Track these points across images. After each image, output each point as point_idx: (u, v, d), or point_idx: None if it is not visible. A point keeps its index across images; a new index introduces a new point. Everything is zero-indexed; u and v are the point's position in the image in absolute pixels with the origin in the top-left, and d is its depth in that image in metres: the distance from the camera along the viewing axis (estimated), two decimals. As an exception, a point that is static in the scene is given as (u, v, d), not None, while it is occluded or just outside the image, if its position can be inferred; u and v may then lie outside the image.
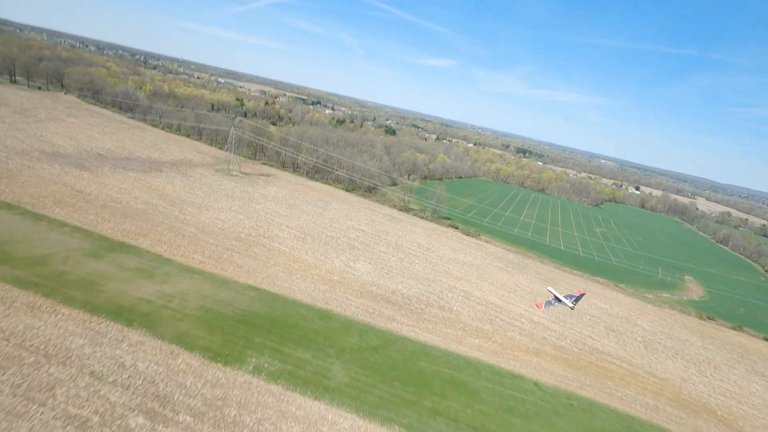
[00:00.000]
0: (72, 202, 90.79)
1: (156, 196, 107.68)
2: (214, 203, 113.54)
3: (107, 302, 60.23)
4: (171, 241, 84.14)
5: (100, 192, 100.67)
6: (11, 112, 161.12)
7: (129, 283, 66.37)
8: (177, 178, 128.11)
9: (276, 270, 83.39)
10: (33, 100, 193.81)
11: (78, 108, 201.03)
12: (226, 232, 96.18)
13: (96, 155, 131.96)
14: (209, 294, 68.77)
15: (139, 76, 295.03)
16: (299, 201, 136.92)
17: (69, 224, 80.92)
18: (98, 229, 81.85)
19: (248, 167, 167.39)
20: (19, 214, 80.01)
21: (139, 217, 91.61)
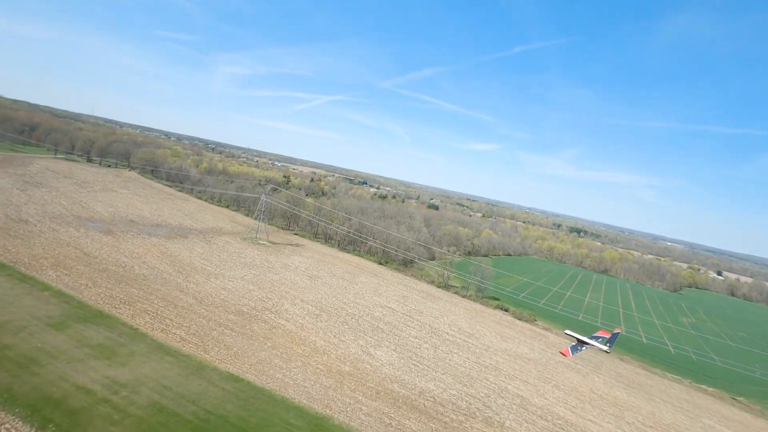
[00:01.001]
0: (71, 265, 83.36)
1: (166, 261, 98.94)
2: (227, 271, 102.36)
3: (33, 390, 45.99)
4: (157, 312, 71.37)
5: (109, 256, 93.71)
6: (71, 183, 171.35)
7: (78, 363, 52.47)
8: (199, 245, 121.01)
9: (272, 354, 66.19)
10: (97, 174, 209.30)
11: (134, 182, 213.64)
12: (228, 304, 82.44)
13: (128, 221, 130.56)
14: (173, 384, 52.58)
15: (199, 156, 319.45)
16: (323, 272, 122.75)
17: (52, 288, 71.71)
18: (82, 294, 71.68)
19: (278, 237, 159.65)
20: (6, 275, 72.58)
21: (135, 283, 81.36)
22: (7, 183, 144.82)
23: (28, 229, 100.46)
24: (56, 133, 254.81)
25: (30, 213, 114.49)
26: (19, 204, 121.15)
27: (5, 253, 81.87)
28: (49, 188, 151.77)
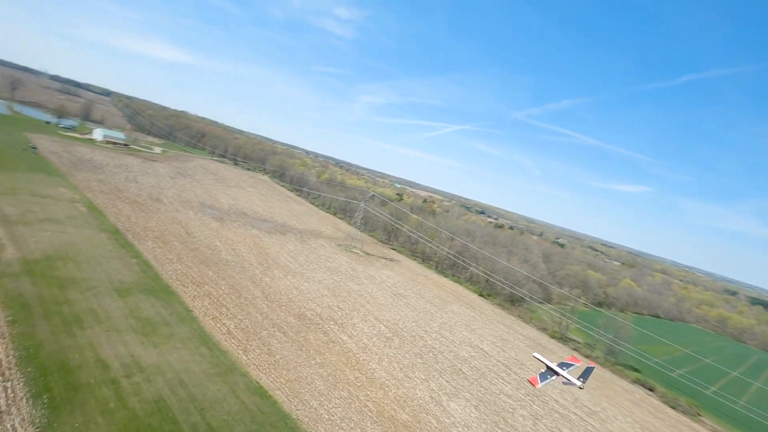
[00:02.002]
0: (169, 240, 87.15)
1: (254, 252, 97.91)
2: (308, 272, 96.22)
3: (57, 353, 42.56)
4: (219, 298, 66.83)
5: (206, 238, 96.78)
6: (213, 178, 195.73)
7: (115, 334, 48.68)
8: (292, 242, 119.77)
9: (316, 374, 54.10)
10: (237, 174, 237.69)
11: (263, 183, 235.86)
12: (293, 304, 74.44)
13: (240, 213, 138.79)
14: (191, 382, 44.39)
15: (323, 168, 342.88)
16: (410, 292, 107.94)
17: (141, 257, 73.97)
18: (162, 268, 72.06)
19: (374, 248, 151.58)
20: (114, 239, 78.09)
21: (214, 266, 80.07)
22: (166, 172, 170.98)
23: (157, 207, 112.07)
24: (217, 140, 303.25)
25: (167, 195, 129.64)
26: (164, 188, 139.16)
27: (126, 222, 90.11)
28: (193, 179, 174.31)
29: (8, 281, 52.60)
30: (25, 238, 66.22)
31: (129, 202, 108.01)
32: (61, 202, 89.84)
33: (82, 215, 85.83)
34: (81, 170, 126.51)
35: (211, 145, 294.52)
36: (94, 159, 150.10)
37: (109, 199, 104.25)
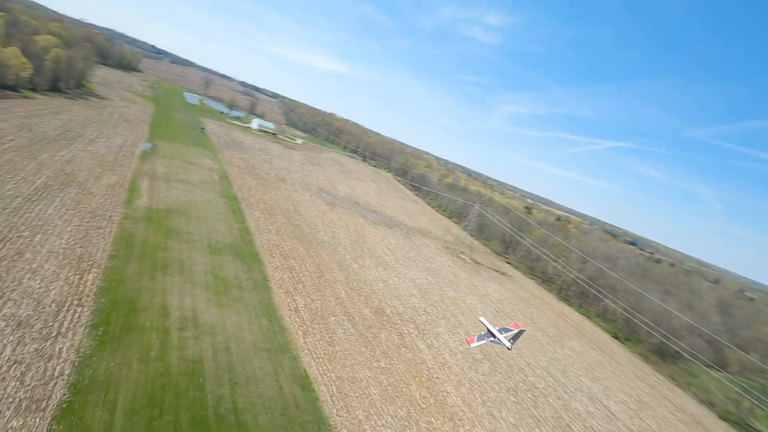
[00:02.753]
0: (275, 213, 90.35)
1: (352, 238, 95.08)
2: (402, 268, 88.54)
3: (133, 291, 43.97)
4: (299, 274, 64.22)
5: (310, 217, 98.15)
6: (338, 169, 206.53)
7: (188, 286, 49.00)
8: (394, 236, 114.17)
9: (375, 379, 45.48)
10: (361, 168, 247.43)
11: (384, 179, 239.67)
12: (374, 297, 67.49)
13: (353, 201, 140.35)
14: (236, 351, 40.84)
15: (447, 172, 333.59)
16: (518, 313, 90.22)
17: (244, 223, 77.24)
18: (259, 236, 73.72)
19: (485, 258, 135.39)
20: (229, 204, 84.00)
21: (307, 243, 79.07)
22: (299, 158, 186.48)
23: (278, 185, 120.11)
24: (352, 137, 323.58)
25: (292, 177, 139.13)
26: (292, 171, 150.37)
27: (246, 192, 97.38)
28: (321, 168, 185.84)
29: (128, 222, 58.73)
30: (159, 192, 75.16)
31: (257, 177, 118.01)
32: (202, 170, 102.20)
33: (213, 182, 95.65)
34: (230, 149, 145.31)
35: (346, 140, 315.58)
36: (244, 142, 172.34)
37: (241, 173, 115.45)
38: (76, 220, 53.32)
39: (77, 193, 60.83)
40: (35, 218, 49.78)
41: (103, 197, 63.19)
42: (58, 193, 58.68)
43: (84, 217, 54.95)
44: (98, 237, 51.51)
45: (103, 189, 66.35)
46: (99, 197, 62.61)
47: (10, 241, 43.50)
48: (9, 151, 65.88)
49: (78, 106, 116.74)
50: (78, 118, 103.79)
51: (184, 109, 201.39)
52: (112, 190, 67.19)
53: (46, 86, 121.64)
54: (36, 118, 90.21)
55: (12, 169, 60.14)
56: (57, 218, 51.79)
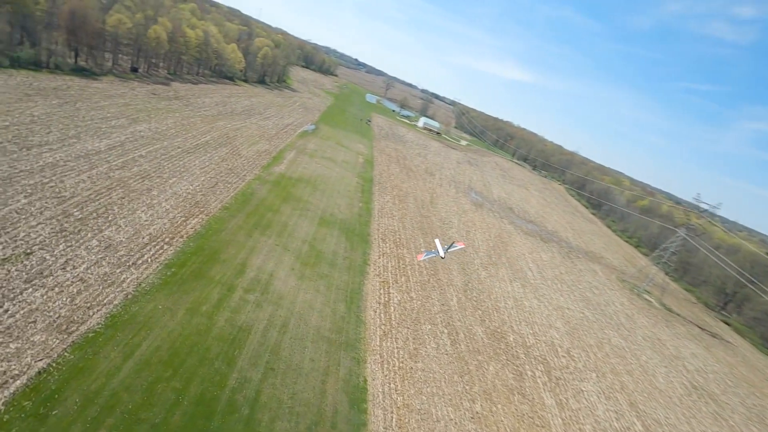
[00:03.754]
0: (407, 201, 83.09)
1: (490, 243, 79.62)
2: (549, 291, 68.25)
3: (223, 243, 42.61)
4: (405, 267, 54.51)
5: (447, 212, 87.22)
6: (499, 173, 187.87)
7: (279, 250, 45.47)
8: (550, 253, 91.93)
9: (461, 426, 31.65)
10: (527, 176, 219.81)
11: (552, 191, 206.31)
12: (495, 315, 51.78)
13: (506, 207, 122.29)
14: (294, 333, 34.08)
15: (645, 194, 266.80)
16: (732, 399, 57.24)
17: (369, 204, 72.35)
18: (379, 219, 67.49)
19: (685, 307, 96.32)
20: (360, 184, 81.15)
21: (431, 237, 68.60)
22: (457, 157, 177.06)
23: (425, 177, 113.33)
24: (523, 143, 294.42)
25: (442, 173, 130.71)
26: (444, 167, 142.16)
27: (384, 177, 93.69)
28: (478, 169, 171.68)
29: (256, 183, 60.52)
30: (299, 164, 77.52)
31: (403, 167, 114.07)
32: (350, 152, 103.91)
33: (355, 163, 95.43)
34: (387, 139, 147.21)
35: (516, 146, 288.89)
36: (405, 136, 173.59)
37: (388, 161, 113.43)
38: (213, 173, 57.22)
39: (227, 153, 66.56)
40: (181, 166, 55.09)
41: (247, 159, 67.67)
42: (212, 150, 65.15)
43: (221, 171, 58.75)
44: (222, 190, 53.59)
45: (252, 153, 71.49)
46: (243, 159, 67.22)
47: (149, 178, 48.16)
48: (196, 117, 78.17)
49: (271, 94, 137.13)
50: (265, 102, 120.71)
51: (359, 105, 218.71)
52: (258, 155, 71.85)
53: (255, 79, 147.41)
54: (234, 98, 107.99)
55: (190, 128, 70.26)
56: (198, 168, 56.42)
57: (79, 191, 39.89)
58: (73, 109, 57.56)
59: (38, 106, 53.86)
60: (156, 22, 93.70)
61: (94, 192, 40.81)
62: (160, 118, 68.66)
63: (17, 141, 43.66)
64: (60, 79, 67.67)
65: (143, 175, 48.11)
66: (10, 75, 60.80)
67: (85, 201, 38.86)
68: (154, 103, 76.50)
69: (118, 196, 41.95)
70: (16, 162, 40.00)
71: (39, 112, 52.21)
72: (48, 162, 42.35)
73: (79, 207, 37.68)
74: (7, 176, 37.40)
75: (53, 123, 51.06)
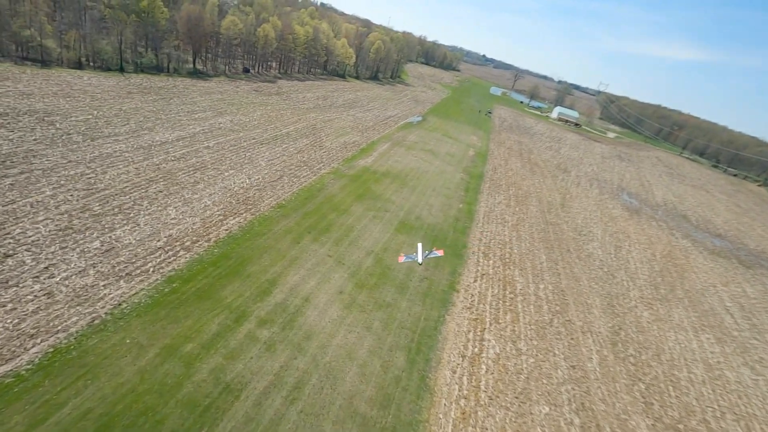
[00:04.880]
0: (527, 203, 63.37)
1: (655, 266, 54.30)
2: (762, 351, 40.89)
3: (255, 250, 32.93)
4: (516, 301, 36.97)
5: (585, 219, 64.30)
6: (660, 169, 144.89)
7: (328, 265, 33.86)
8: (761, 288, 59.89)
9: None
10: (701, 172, 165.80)
11: (748, 194, 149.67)
12: (672, 394, 30.21)
13: (677, 215, 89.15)
14: (318, 402, 21.48)
15: None
16: None
17: (473, 206, 55.91)
18: (484, 227, 50.80)
19: None
20: (465, 182, 65.03)
21: (559, 254, 48.73)
22: (601, 151, 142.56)
23: (556, 174, 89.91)
24: (698, 133, 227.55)
25: (581, 170, 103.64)
26: (584, 163, 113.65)
27: (500, 174, 75.27)
28: (633, 165, 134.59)
29: (330, 177, 50.62)
30: (390, 157, 65.73)
31: (527, 162, 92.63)
32: (459, 144, 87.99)
33: (462, 156, 79.30)
34: (509, 131, 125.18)
35: (688, 138, 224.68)
36: (532, 128, 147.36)
37: (508, 154, 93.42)
38: (281, 165, 49.42)
39: (307, 144, 58.80)
40: (247, 158, 48.62)
41: (328, 151, 58.82)
42: (291, 141, 58.10)
43: (292, 164, 50.67)
44: (286, 185, 44.97)
45: (337, 145, 62.59)
46: (324, 151, 58.55)
47: (203, 170, 42.21)
48: (288, 110, 73.54)
49: (380, 89, 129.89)
50: (372, 95, 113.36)
51: (480, 98, 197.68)
52: (344, 147, 62.52)
53: (367, 75, 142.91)
54: (338, 93, 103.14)
55: (275, 120, 65.16)
56: (265, 160, 49.27)
57: (116, 183, 35.16)
58: (164, 104, 57.03)
59: (132, 102, 54.17)
60: (267, 21, 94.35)
61: (131, 185, 35.73)
62: (247, 111, 65.25)
63: (87, 132, 42.19)
64: (172, 80, 70.14)
65: (197, 167, 42.42)
66: (128, 78, 64.34)
67: (115, 194, 33.73)
68: (251, 98, 74.67)
69: (156, 189, 36.21)
70: (70, 152, 37.57)
71: (128, 107, 52.05)
72: (104, 152, 39.36)
73: (104, 201, 32.47)
74: (51, 166, 34.57)
75: (135, 116, 49.96)
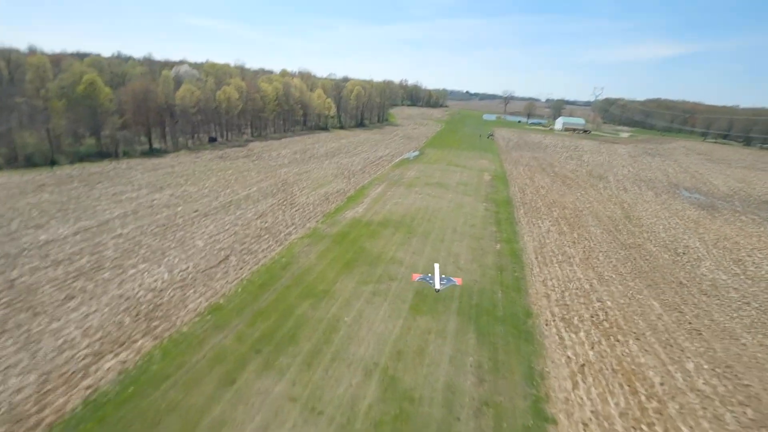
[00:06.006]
0: (584, 224, 46.30)
1: None
2: None
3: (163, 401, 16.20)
4: (594, 309, 18.75)
5: (667, 230, 46.57)
6: (700, 158, 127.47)
7: (285, 404, 16.65)
8: None
9: None
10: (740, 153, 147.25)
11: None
12: None
13: (762, 201, 70.58)
14: None
15: None
16: None
17: (516, 244, 39.06)
18: (546, 269, 33.56)
19: None
20: (489, 212, 48.66)
21: (671, 290, 30.66)
22: (626, 151, 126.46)
23: (594, 183, 73.57)
24: (713, 118, 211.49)
25: (618, 173, 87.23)
26: (615, 166, 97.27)
27: (530, 194, 59.02)
28: (666, 158, 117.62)
29: (305, 242, 34.92)
30: (388, 200, 50.43)
31: (554, 175, 76.73)
32: (469, 171, 73.00)
33: (478, 183, 63.73)
34: (519, 150, 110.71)
35: (703, 125, 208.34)
36: (542, 142, 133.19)
37: (529, 172, 77.79)
38: (231, 241, 34.03)
39: (272, 204, 43.99)
40: (177, 240, 33.45)
41: (302, 208, 43.77)
42: (250, 204, 43.39)
43: (248, 235, 35.31)
44: (232, 270, 29.21)
45: (314, 199, 47.71)
46: (297, 208, 43.53)
47: (100, 275, 26.84)
48: (254, 170, 60.09)
49: (368, 133, 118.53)
50: (358, 140, 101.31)
51: (476, 125, 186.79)
52: (325, 200, 47.53)
53: (353, 123, 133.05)
54: (319, 143, 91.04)
55: (233, 184, 51.25)
56: (204, 238, 34.03)
57: None
58: (83, 191, 43.62)
59: (35, 197, 40.77)
60: (228, 84, 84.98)
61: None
62: (198, 180, 51.64)
63: None
64: (114, 164, 57.87)
65: (85, 270, 27.18)
66: (56, 171, 51.94)
67: None
68: (211, 165, 61.80)
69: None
70: None
71: (23, 204, 38.45)
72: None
73: None
74: None
75: (28, 213, 36.09)
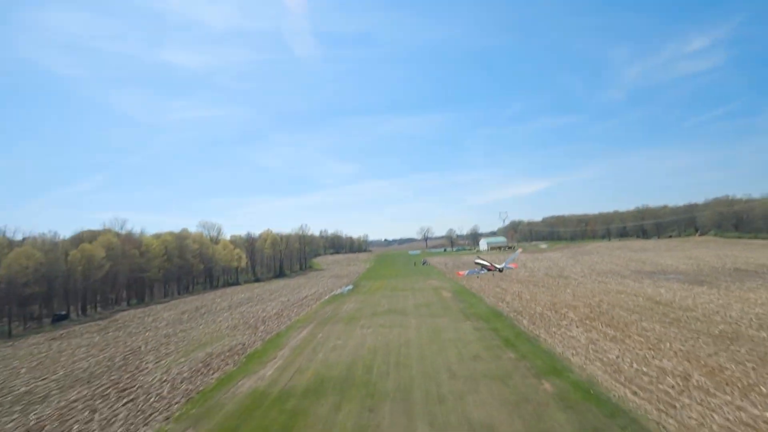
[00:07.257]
0: (620, 322, 30.67)
1: None
2: None
3: None
4: None
5: (697, 305, 32.94)
6: (625, 252, 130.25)
7: None
8: None
9: None
10: (653, 243, 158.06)
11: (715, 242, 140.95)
12: None
13: (733, 269, 64.38)
14: None
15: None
16: None
17: (569, 376, 21.01)
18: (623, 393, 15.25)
19: None
20: (483, 328, 31.10)
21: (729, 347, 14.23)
22: (559, 256, 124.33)
23: (565, 282, 61.78)
24: (601, 220, 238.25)
25: (573, 270, 78.48)
26: (566, 267, 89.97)
27: (515, 301, 43.43)
28: (598, 255, 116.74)
29: None
30: (318, 345, 30.51)
31: (519, 281, 64.03)
32: (422, 292, 57.05)
33: (441, 301, 47.31)
34: (464, 268, 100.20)
35: (603, 229, 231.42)
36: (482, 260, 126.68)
37: (491, 282, 64.29)
38: None
39: (84, 396, 21.26)
40: None
41: (144, 394, 21.65)
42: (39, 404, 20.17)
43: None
44: None
45: (178, 370, 25.91)
46: (133, 396, 21.28)
47: None
48: (97, 345, 36.42)
49: (288, 280, 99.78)
50: (275, 287, 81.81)
51: (405, 258, 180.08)
52: (203, 367, 26.09)
53: (270, 275, 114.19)
54: (222, 298, 69.53)
55: (38, 365, 27.35)
56: None
57: None
58: None
59: None
60: (91, 242, 64.26)
61: None
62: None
63: None
64: None
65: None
66: None
67: None
68: (31, 350, 36.72)
69: None
70: None
71: None
72: None
73: None
74: None
75: None
